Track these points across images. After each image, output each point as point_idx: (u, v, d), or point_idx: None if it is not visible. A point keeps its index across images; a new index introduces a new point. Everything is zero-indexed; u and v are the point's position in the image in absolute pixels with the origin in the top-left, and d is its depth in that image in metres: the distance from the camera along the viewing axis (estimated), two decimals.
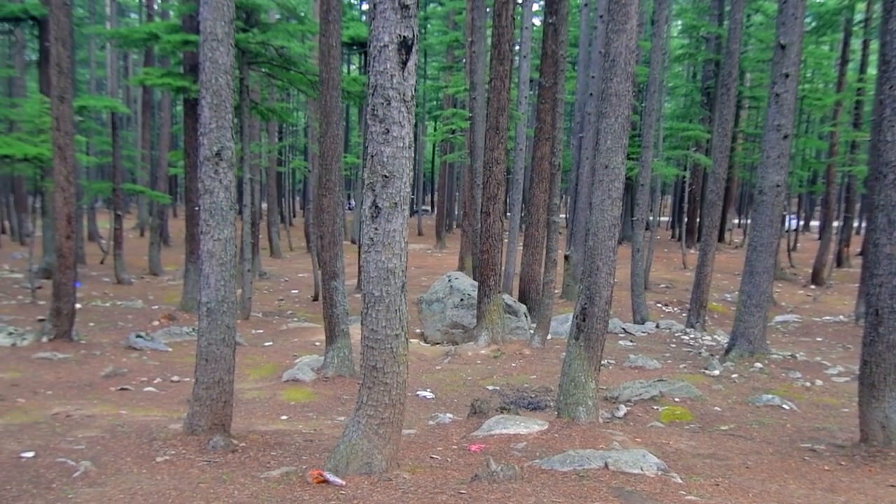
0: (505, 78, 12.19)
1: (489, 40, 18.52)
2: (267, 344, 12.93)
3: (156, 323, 13.93)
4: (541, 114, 14.94)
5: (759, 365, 10.34)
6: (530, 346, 12.14)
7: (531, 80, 22.07)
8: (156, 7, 26.35)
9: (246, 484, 4.60)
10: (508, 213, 19.69)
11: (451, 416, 7.68)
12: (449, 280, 14.36)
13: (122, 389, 8.54)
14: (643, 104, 19.65)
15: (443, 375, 10.54)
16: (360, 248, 21.25)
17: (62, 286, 10.81)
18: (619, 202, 6.48)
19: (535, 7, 25.31)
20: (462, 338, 13.22)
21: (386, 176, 4.59)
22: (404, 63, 4.58)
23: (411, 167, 4.75)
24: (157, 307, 16.32)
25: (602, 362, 6.99)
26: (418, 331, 14.23)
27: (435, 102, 43.30)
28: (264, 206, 31.92)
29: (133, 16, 42.19)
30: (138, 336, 11.41)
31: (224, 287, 5.75)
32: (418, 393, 9.33)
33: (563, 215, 37.47)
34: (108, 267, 22.19)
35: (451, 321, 13.67)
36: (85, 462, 4.89)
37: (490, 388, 9.61)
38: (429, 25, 40.39)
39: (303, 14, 18.66)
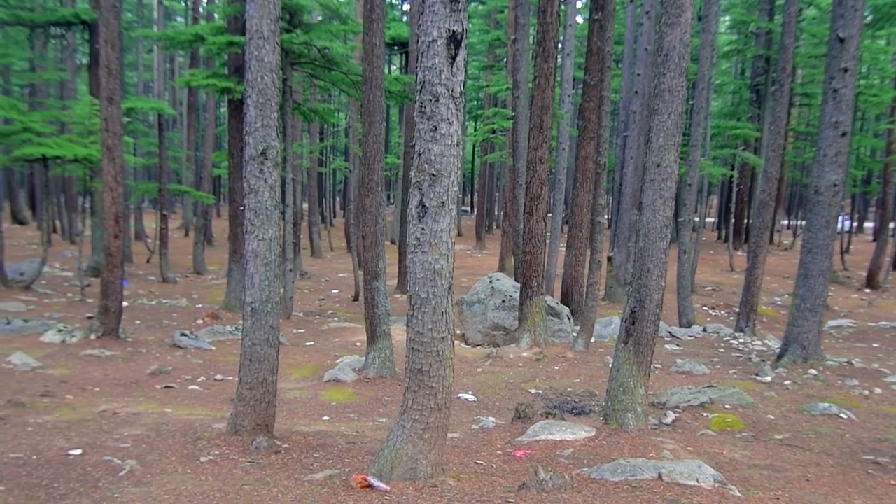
0: (549, 76, 11.98)
1: (532, 38, 18.31)
2: (308, 343, 12.96)
3: (199, 321, 14.10)
4: (585, 112, 14.67)
5: (813, 371, 9.93)
6: (573, 349, 11.91)
7: (574, 79, 21.76)
8: (201, 10, 26.81)
9: (289, 487, 4.53)
10: (550, 214, 19.42)
11: (494, 419, 7.53)
12: (490, 281, 14.20)
13: (166, 387, 8.62)
14: (691, 102, 19.19)
15: (484, 378, 10.40)
16: (400, 248, 21.20)
17: (110, 285, 11.00)
18: (671, 202, 6.25)
19: (579, 4, 24.98)
20: (503, 340, 13.05)
21: (433, 174, 4.47)
22: (453, 58, 4.46)
23: (460, 165, 4.63)
24: (200, 306, 16.54)
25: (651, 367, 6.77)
26: (459, 332, 14.11)
27: (476, 102, 43.17)
28: (305, 206, 32.22)
29: (179, 19, 43.06)
30: (182, 334, 11.54)
31: (268, 287, 5.71)
32: (460, 395, 9.21)
33: (607, 216, 36.96)
34: (154, 266, 22.63)
35: (492, 323, 13.51)
36: (131, 461, 4.90)
37: (533, 391, 9.43)
38: (471, 25, 40.30)
39: (345, 14, 18.69)
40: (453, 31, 4.42)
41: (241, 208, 5.74)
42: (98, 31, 11.99)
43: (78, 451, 5.10)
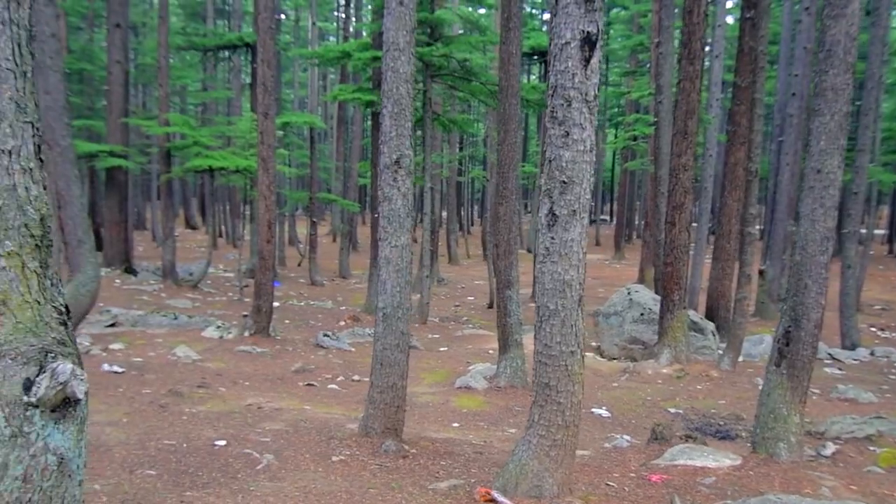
0: (695, 79, 11.35)
1: (677, 42, 17.48)
2: (442, 349, 13.13)
3: (342, 323, 14.73)
4: (735, 116, 13.74)
5: None
6: (718, 367, 11.13)
7: (724, 82, 20.50)
8: (351, 29, 28.21)
9: (414, 494, 4.55)
10: (695, 224, 18.41)
11: (628, 438, 7.18)
12: (628, 293, 13.67)
13: (308, 385, 9.05)
14: (858, 103, 17.42)
15: (620, 393, 9.99)
16: (535, 257, 21.03)
17: (262, 286, 11.77)
18: (833, 212, 5.65)
19: (730, 4, 23.56)
20: (641, 354, 12.49)
21: (564, 182, 4.33)
22: (587, 61, 4.30)
23: (592, 172, 4.45)
24: (344, 308, 17.30)
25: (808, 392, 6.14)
26: (594, 344, 13.71)
27: (616, 109, 42.00)
28: (444, 214, 32.91)
29: (331, 39, 45.64)
30: (325, 335, 12.10)
31: (400, 293, 5.82)
32: (593, 410, 8.89)
33: (759, 227, 34.50)
34: (305, 269, 24.02)
35: (629, 336, 12.98)
36: (268, 455, 5.16)
37: (672, 410, 8.91)
38: (612, 31, 39.30)
39: (485, 26, 18.89)
40: (587, 32, 4.26)
41: (376, 215, 5.89)
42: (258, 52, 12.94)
43: (223, 442, 5.46)
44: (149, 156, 24.98)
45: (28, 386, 2.12)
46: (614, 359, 12.80)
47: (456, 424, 7.84)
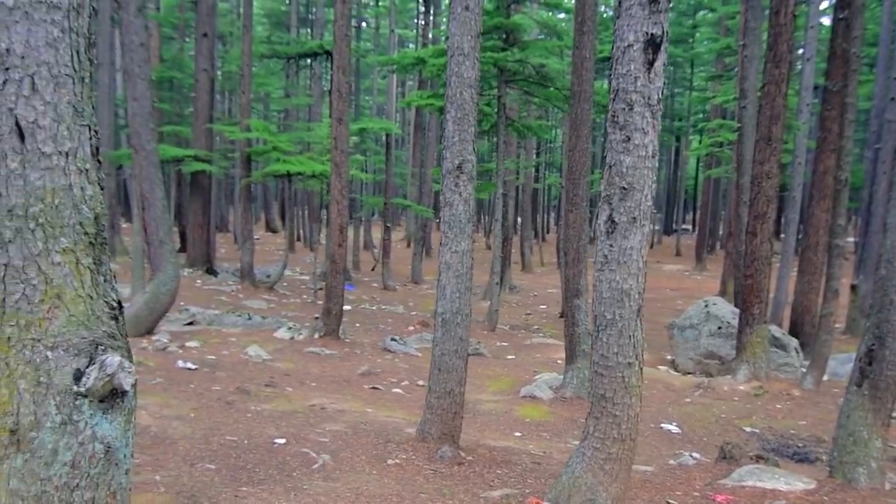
0: (781, 83, 10.82)
1: (765, 44, 16.72)
2: (509, 357, 13.02)
3: (411, 328, 14.85)
4: (826, 122, 13.02)
5: None
6: (801, 386, 10.54)
7: (815, 87, 19.48)
8: (430, 35, 28.53)
9: (465, 501, 4.51)
10: (782, 235, 17.53)
11: (696, 456, 6.90)
12: (706, 305, 13.16)
13: (373, 388, 9.15)
14: None
15: (692, 409, 9.61)
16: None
17: (332, 289, 12.02)
18: None
19: (824, 4, 22.39)
20: (717, 370, 11.98)
21: (624, 188, 4.20)
22: (651, 63, 4.17)
23: (654, 179, 4.31)
24: (414, 313, 17.44)
25: (892, 415, 5.72)
26: (668, 358, 13.28)
27: (701, 115, 40.70)
28: (519, 221, 32.70)
29: (411, 45, 46.30)
30: (393, 339, 12.23)
31: (459, 299, 5.80)
32: (662, 425, 8.60)
33: (852, 239, 32.57)
34: (378, 274, 24.39)
35: (705, 350, 12.49)
36: (325, 455, 5.23)
37: (748, 429, 8.50)
38: (697, 34, 38.13)
39: (562, 30, 18.69)
40: (652, 34, 4.13)
41: (437, 220, 5.90)
42: None
43: (282, 441, 5.59)
44: (232, 160, 26.03)
45: (78, 376, 2.22)
46: (689, 373, 12.35)
47: (518, 434, 7.74)
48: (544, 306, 21.40)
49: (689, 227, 53.18)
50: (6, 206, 2.12)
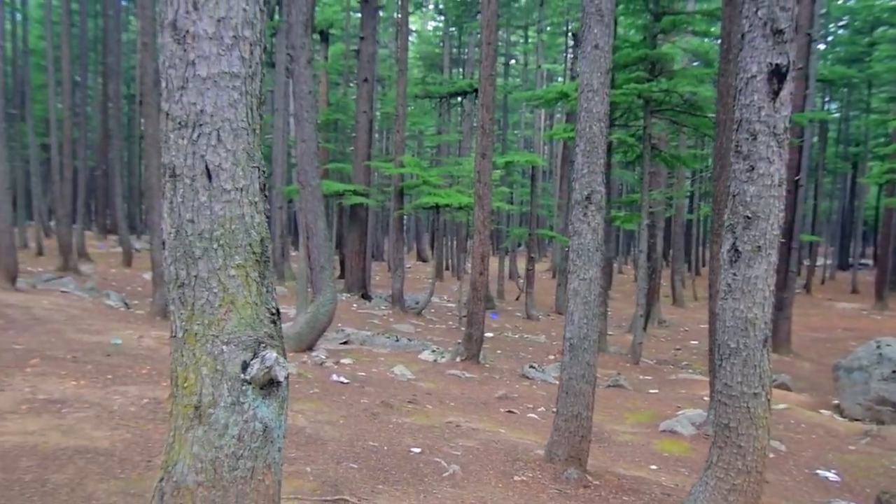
0: None
1: None
2: (652, 391, 12.72)
3: (551, 357, 14.94)
4: None
5: None
6: None
7: None
8: (577, 70, 28.73)
9: None
10: None
11: None
12: (878, 346, 12.09)
13: (508, 412, 9.41)
14: None
15: (856, 458, 8.90)
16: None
17: (474, 315, 12.48)
18: None
19: None
20: (891, 417, 10.95)
21: (748, 217, 4.24)
22: (776, 93, 4.22)
23: (781, 208, 4.30)
24: (555, 343, 17.48)
25: None
26: (835, 402, 12.33)
27: (883, 139, 37.23)
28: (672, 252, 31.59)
29: (559, 79, 46.67)
30: (531, 366, 12.43)
31: (587, 325, 5.97)
32: (818, 471, 8.09)
33: None
34: (522, 303, 24.66)
35: (876, 395, 11.45)
36: (455, 466, 5.59)
37: None
38: (875, 52, 35.15)
39: (714, 58, 18.18)
40: (776, 64, 4.18)
41: (565, 249, 6.14)
42: None
43: (418, 450, 6.03)
44: (387, 194, 27.67)
45: (245, 367, 2.77)
46: (856, 419, 11.39)
47: (653, 467, 7.64)
48: (696, 342, 20.51)
49: (869, 261, 48.25)
50: (197, 230, 2.72)
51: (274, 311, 2.92)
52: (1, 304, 11.33)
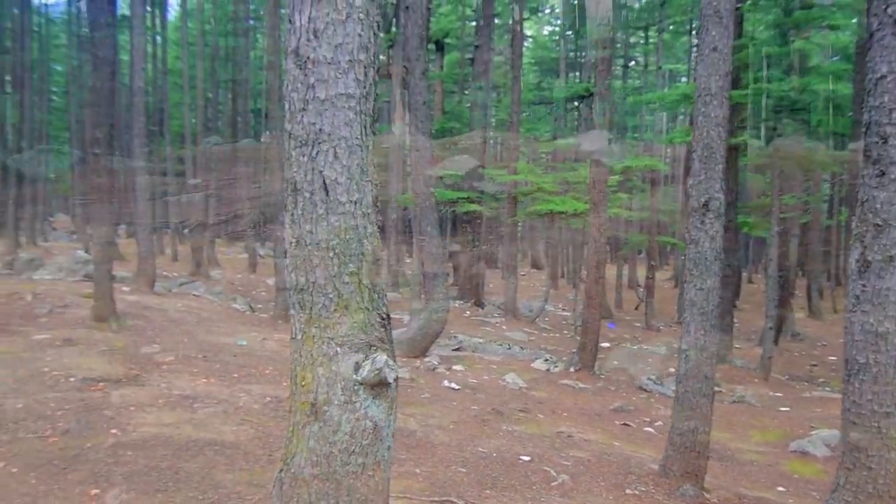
0: None
1: None
2: (782, 409, 11.96)
3: (671, 370, 14.40)
4: None
5: None
6: None
7: None
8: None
9: None
10: None
11: None
12: None
13: (623, 424, 9.21)
14: None
15: None
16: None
17: (588, 324, 12.30)
18: None
19: None
20: None
21: (878, 225, 3.97)
22: None
23: None
24: (676, 355, 16.85)
25: None
26: None
27: None
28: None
29: (683, 80, 44.88)
30: (649, 379, 12.06)
31: (704, 336, 5.77)
32: None
33: None
34: (641, 313, 23.91)
35: None
36: (564, 476, 5.58)
37: None
38: None
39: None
40: None
41: (683, 257, 5.97)
42: None
43: (527, 458, 6.05)
44: (501, 200, 27.77)
45: (357, 368, 2.95)
46: None
47: (781, 489, 7.23)
48: (833, 357, 19.00)
49: None
50: (315, 240, 2.94)
51: (384, 316, 3.09)
52: (141, 306, 12.42)
